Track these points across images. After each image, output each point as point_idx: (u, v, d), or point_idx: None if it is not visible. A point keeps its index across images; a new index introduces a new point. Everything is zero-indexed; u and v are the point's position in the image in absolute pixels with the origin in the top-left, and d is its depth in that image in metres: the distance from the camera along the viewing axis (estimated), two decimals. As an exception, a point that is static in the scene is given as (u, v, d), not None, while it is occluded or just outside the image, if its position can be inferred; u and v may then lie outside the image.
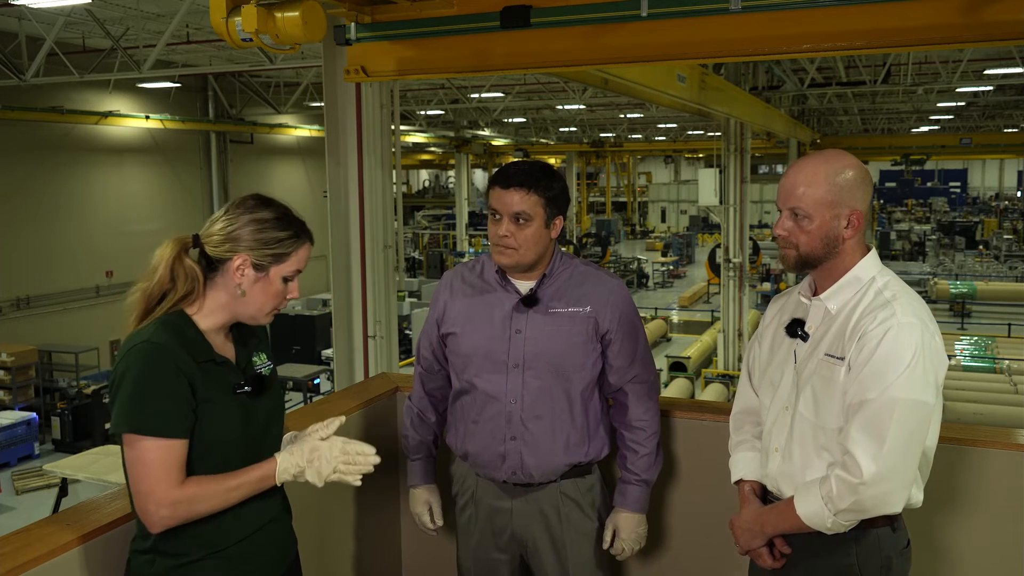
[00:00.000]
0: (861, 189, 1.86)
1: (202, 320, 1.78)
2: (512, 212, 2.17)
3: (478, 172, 40.01)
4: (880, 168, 44.47)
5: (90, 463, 6.76)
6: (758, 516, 1.98)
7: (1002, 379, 13.75)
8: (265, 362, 1.91)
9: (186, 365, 1.69)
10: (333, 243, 5.81)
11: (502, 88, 18.90)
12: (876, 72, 15.17)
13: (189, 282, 1.75)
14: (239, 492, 1.72)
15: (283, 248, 1.79)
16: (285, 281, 1.82)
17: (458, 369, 2.34)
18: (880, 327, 1.77)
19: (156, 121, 17.70)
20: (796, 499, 1.87)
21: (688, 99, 8.55)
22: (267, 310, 1.83)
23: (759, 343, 2.13)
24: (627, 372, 2.31)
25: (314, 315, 17.00)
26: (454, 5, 4.91)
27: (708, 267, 18.96)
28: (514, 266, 2.24)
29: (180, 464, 1.67)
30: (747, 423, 2.15)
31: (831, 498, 1.79)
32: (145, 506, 1.66)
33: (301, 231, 1.83)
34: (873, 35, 4.31)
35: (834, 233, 1.86)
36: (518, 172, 2.19)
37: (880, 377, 1.75)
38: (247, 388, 1.79)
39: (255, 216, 1.77)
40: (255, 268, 1.78)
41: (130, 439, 1.66)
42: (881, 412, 1.74)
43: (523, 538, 2.34)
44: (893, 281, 1.88)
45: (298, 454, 1.77)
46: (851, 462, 1.76)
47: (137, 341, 1.68)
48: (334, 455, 1.78)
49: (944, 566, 2.40)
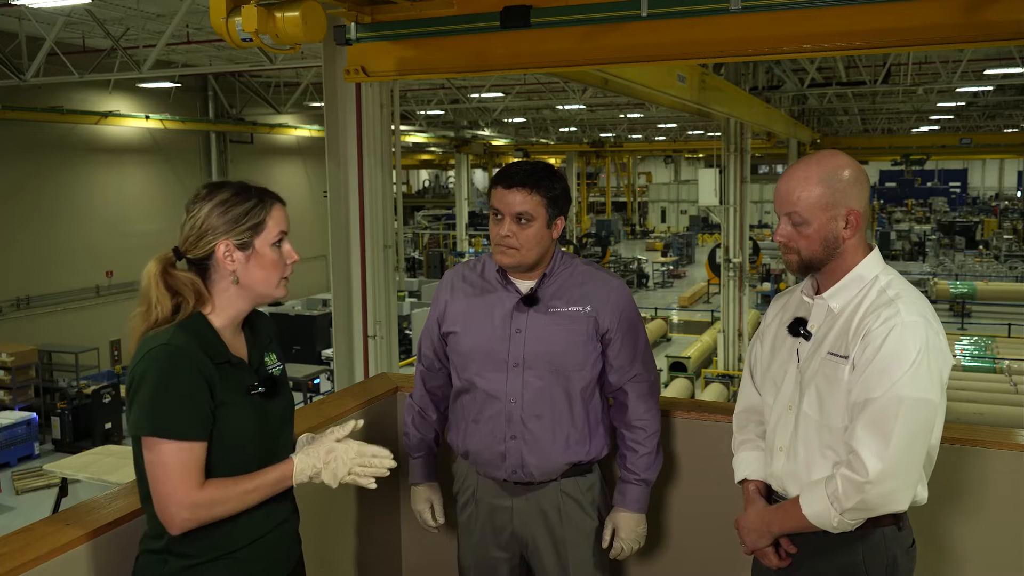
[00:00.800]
0: (856, 188, 1.85)
1: (216, 318, 1.78)
2: (514, 212, 2.18)
3: (478, 172, 40.03)
4: (880, 168, 44.52)
5: (90, 463, 6.75)
6: (764, 515, 1.98)
7: (1002, 379, 13.75)
8: (276, 362, 1.91)
9: (205, 367, 1.68)
10: (333, 243, 5.81)
11: (502, 88, 18.91)
12: (876, 72, 15.17)
13: (193, 290, 1.75)
14: (257, 494, 1.72)
15: (255, 217, 1.78)
16: (277, 247, 1.81)
17: (459, 368, 2.34)
18: (884, 325, 1.77)
19: (156, 121, 17.71)
20: (802, 498, 1.86)
21: (688, 99, 8.55)
22: (274, 282, 1.82)
23: (760, 342, 2.13)
24: (628, 371, 2.31)
25: (314, 315, 17.02)
26: (454, 5, 4.91)
27: (708, 267, 18.96)
28: (516, 266, 2.24)
29: (200, 466, 1.67)
30: (751, 422, 2.15)
31: (837, 497, 1.78)
32: (166, 508, 1.65)
33: (264, 195, 1.81)
34: (873, 35, 4.31)
35: (833, 235, 1.85)
36: (520, 172, 2.20)
37: (885, 375, 1.74)
38: (261, 389, 1.79)
39: (214, 201, 1.76)
40: (240, 248, 1.77)
41: (150, 442, 1.65)
42: (886, 410, 1.73)
43: (523, 537, 2.34)
44: (896, 280, 1.87)
45: (314, 455, 1.78)
46: (856, 461, 1.76)
47: (156, 343, 1.67)
48: (350, 456, 1.78)
49: (946, 566, 2.40)
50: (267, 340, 1.92)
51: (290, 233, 1.87)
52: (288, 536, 1.90)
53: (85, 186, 17.11)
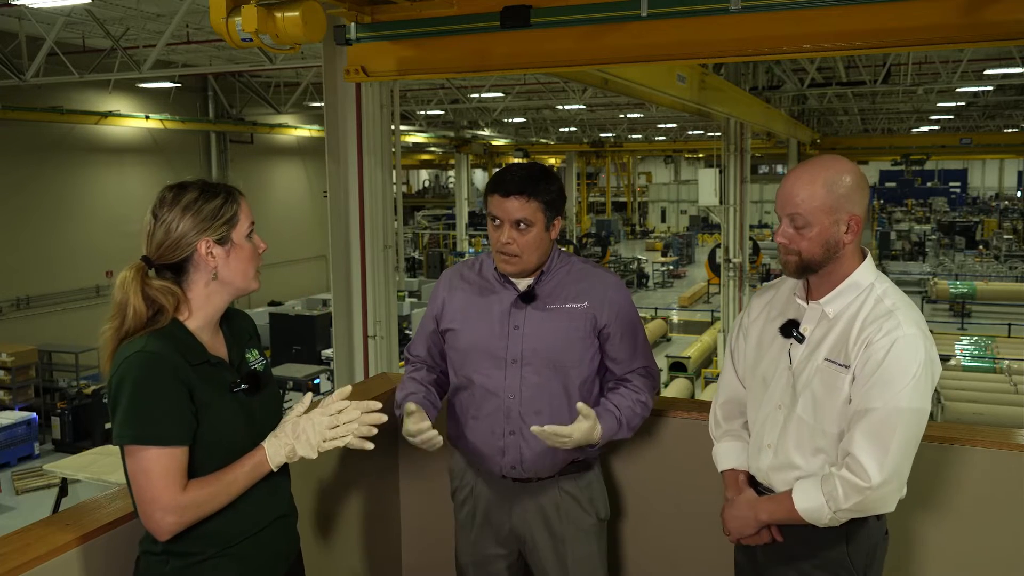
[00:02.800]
0: (858, 194, 1.88)
1: (192, 321, 1.78)
2: (513, 219, 2.19)
3: (478, 172, 40.01)
4: (880, 168, 44.50)
5: (90, 463, 6.75)
6: (752, 504, 2.02)
7: (1002, 379, 13.74)
8: (258, 358, 1.91)
9: (182, 370, 1.69)
10: (333, 243, 5.81)
11: (502, 88, 18.90)
12: (876, 72, 15.17)
13: (172, 297, 1.75)
14: (237, 485, 1.73)
15: (227, 211, 1.80)
16: (249, 239, 1.84)
17: (456, 365, 2.35)
18: (887, 338, 1.81)
19: (156, 121, 17.70)
20: (796, 493, 1.91)
21: (688, 99, 8.55)
22: (251, 273, 1.84)
23: (744, 336, 2.16)
24: (628, 365, 2.33)
25: (314, 315, 16.98)
26: (454, 5, 4.91)
27: (708, 267, 18.96)
28: (518, 273, 2.27)
29: (182, 471, 1.68)
30: (737, 413, 2.19)
31: (835, 498, 1.84)
32: (151, 515, 1.66)
33: (228, 190, 1.83)
34: (873, 35, 4.31)
35: (834, 239, 1.88)
36: (515, 179, 2.20)
37: (887, 387, 1.80)
38: (243, 386, 1.80)
39: (183, 204, 1.77)
40: (219, 244, 1.78)
41: (132, 450, 1.66)
42: (887, 421, 1.79)
43: (522, 534, 2.35)
44: (891, 289, 1.91)
45: (282, 436, 1.79)
46: (856, 466, 1.81)
47: (131, 351, 1.67)
48: (319, 422, 1.79)
49: (948, 567, 2.41)
50: (246, 336, 1.93)
51: (290, 233, 1.88)
52: (286, 530, 1.92)
53: (85, 186, 17.10)
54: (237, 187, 1.85)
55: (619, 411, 2.25)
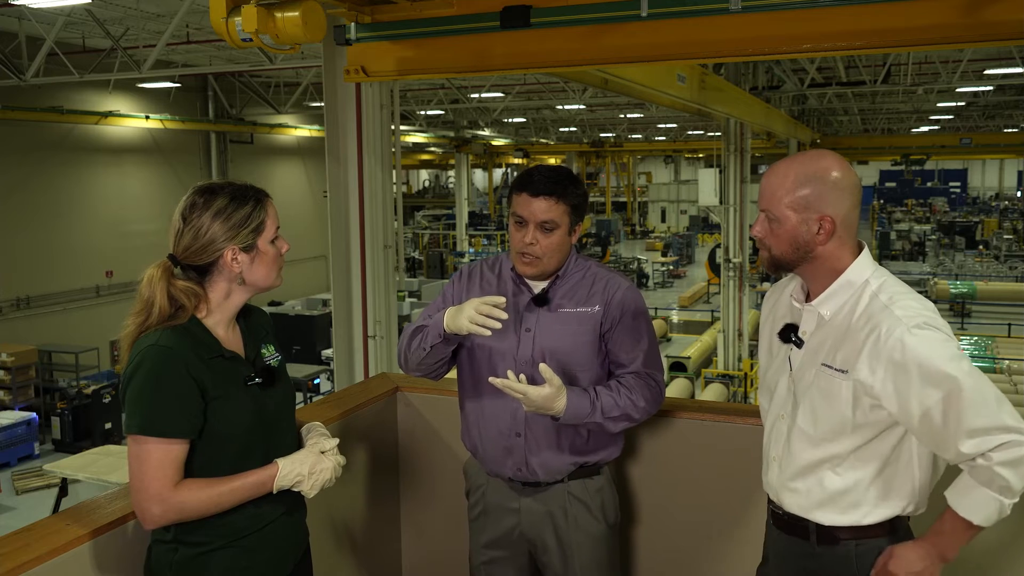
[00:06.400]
0: (836, 193, 1.77)
1: (209, 318, 1.81)
2: (539, 220, 2.18)
3: (478, 172, 40.02)
4: (880, 168, 44.51)
5: (90, 463, 6.75)
6: (929, 551, 1.79)
7: (1002, 379, 13.75)
8: (273, 353, 1.94)
9: (194, 366, 1.72)
10: (333, 243, 5.81)
11: (502, 88, 18.90)
12: (876, 72, 15.17)
13: (195, 298, 1.78)
14: (233, 497, 1.75)
15: (255, 220, 1.81)
16: (274, 243, 1.85)
17: (465, 364, 2.35)
18: (893, 338, 1.69)
19: (156, 121, 17.69)
20: (962, 511, 1.72)
21: (688, 99, 8.56)
22: (275, 275, 1.87)
23: (760, 345, 2.09)
24: (629, 368, 2.26)
25: (314, 315, 17.01)
26: (454, 5, 4.91)
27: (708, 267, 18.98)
28: (538, 275, 2.26)
29: (178, 466, 1.71)
30: None
31: (1008, 487, 1.66)
32: (139, 502, 1.70)
33: (258, 195, 1.84)
34: (873, 35, 4.31)
35: (803, 238, 1.79)
36: (546, 179, 2.19)
37: (926, 381, 1.67)
38: (258, 380, 1.83)
39: (213, 209, 1.78)
40: (245, 251, 1.80)
41: (135, 439, 1.71)
42: (957, 399, 1.65)
43: (531, 537, 2.34)
44: (889, 281, 1.80)
45: (300, 463, 1.82)
46: (995, 445, 1.65)
47: (146, 344, 1.72)
48: (331, 469, 1.86)
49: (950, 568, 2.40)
50: (263, 332, 1.96)
51: (290, 233, 1.90)
52: (295, 525, 1.94)
53: (85, 186, 17.09)
54: (262, 190, 1.86)
55: (596, 395, 2.18)
